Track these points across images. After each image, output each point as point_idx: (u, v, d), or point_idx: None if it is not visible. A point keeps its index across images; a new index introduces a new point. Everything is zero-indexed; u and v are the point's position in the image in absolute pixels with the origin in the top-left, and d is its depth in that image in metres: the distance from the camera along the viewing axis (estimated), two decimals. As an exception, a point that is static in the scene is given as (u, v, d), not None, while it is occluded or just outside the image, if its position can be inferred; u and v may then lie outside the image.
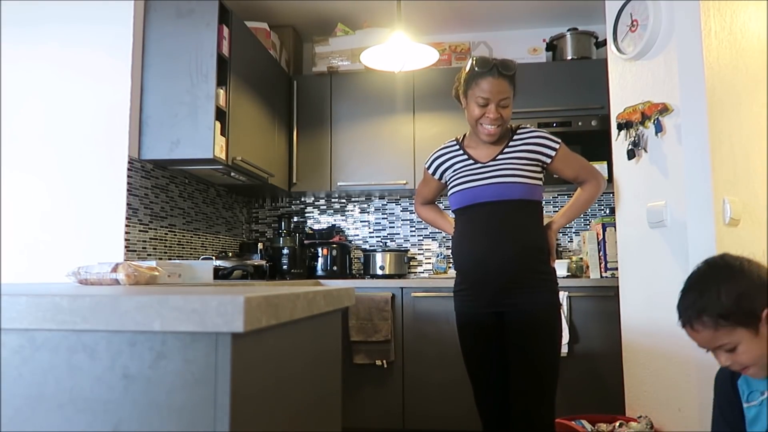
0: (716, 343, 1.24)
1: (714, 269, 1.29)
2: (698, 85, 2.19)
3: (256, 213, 3.95)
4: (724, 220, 2.16)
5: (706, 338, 1.25)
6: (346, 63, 3.53)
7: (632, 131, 2.46)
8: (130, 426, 0.71)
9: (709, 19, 2.25)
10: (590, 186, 2.05)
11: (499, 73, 1.89)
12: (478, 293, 1.95)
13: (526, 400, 1.87)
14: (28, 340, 0.74)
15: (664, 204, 2.32)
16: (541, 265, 1.94)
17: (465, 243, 1.98)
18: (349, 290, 1.18)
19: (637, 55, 2.45)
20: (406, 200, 3.82)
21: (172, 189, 2.89)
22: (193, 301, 0.69)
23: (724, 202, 2.17)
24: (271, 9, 3.50)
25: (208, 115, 2.59)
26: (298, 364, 0.95)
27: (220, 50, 2.65)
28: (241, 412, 0.72)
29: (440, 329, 2.98)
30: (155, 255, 2.72)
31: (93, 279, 1.50)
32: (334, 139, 3.53)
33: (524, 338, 1.88)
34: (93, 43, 2.58)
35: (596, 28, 3.55)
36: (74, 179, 2.53)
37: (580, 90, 3.31)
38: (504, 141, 1.99)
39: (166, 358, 0.71)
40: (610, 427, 2.44)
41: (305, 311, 0.91)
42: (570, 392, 2.81)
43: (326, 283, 3.21)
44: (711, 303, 1.23)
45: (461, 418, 2.89)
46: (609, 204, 3.50)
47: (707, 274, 1.30)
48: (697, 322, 1.24)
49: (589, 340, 2.86)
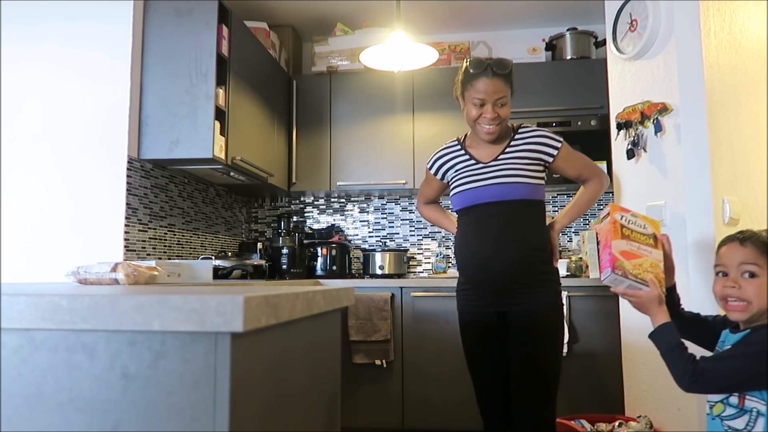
0: (746, 266, 1.37)
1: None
2: (697, 84, 2.19)
3: (256, 213, 3.95)
4: (724, 220, 2.17)
5: (746, 256, 1.37)
6: (345, 63, 3.53)
7: (632, 131, 2.46)
8: (129, 426, 0.71)
9: (709, 18, 2.25)
10: (593, 184, 2.05)
11: (493, 72, 1.88)
12: (480, 293, 1.95)
13: (527, 400, 1.87)
14: (27, 340, 0.74)
15: (663, 203, 2.32)
16: (544, 265, 1.94)
17: (468, 243, 1.98)
18: (349, 290, 1.18)
19: (636, 54, 2.45)
20: (405, 200, 3.82)
21: (171, 189, 2.89)
22: (192, 301, 0.69)
23: (724, 202, 2.17)
24: (270, 9, 3.50)
25: (207, 115, 2.59)
26: (297, 364, 0.95)
27: (219, 50, 2.65)
28: (241, 412, 0.72)
29: (440, 329, 2.98)
30: (155, 255, 2.71)
31: (92, 279, 1.50)
32: (333, 139, 3.53)
33: (526, 338, 1.88)
34: (92, 43, 2.58)
35: (596, 27, 3.55)
36: (74, 179, 2.53)
37: (580, 90, 3.31)
38: (505, 140, 1.99)
39: (166, 357, 0.71)
40: (609, 426, 2.44)
41: (305, 311, 0.91)
42: (570, 392, 2.81)
43: (326, 283, 3.21)
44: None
45: (461, 418, 2.89)
46: (608, 204, 3.50)
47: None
48: (750, 241, 1.38)
49: (589, 339, 2.86)
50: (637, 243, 1.49)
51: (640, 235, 1.51)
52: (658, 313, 1.44)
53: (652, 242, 1.52)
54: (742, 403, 1.34)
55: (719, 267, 1.43)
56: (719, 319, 1.53)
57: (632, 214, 1.54)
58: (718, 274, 1.44)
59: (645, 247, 1.50)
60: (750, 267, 1.36)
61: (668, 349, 1.39)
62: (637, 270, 1.46)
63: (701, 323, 1.57)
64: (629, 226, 1.51)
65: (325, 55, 3.56)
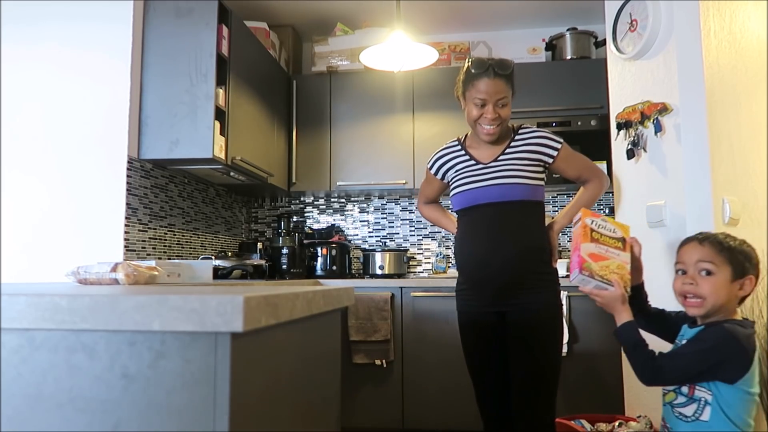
0: (703, 264, 1.46)
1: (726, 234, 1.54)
2: (697, 84, 2.19)
3: (256, 212, 3.95)
4: (724, 220, 2.17)
5: (703, 255, 1.47)
6: (345, 63, 3.53)
7: (632, 131, 2.46)
8: (129, 426, 0.71)
9: (709, 18, 2.25)
10: (593, 185, 2.05)
11: (495, 73, 1.88)
12: (479, 293, 1.95)
13: (526, 400, 1.87)
14: (27, 340, 0.74)
15: (663, 203, 2.32)
16: (543, 265, 1.94)
17: (467, 243, 1.98)
18: (349, 290, 1.18)
19: (636, 54, 2.45)
20: (405, 200, 3.82)
21: (171, 189, 2.89)
22: (192, 301, 0.69)
23: (724, 202, 2.17)
24: (270, 9, 3.50)
25: (207, 115, 2.59)
26: (297, 364, 0.95)
27: (219, 50, 2.65)
28: (240, 412, 0.72)
29: (440, 329, 2.98)
30: (154, 255, 2.71)
31: (92, 279, 1.50)
32: (333, 139, 3.53)
33: (525, 338, 1.88)
34: (92, 43, 2.58)
35: (596, 27, 3.55)
36: (73, 179, 2.53)
37: (580, 90, 3.31)
38: (505, 141, 1.99)
39: (166, 357, 0.71)
40: (609, 426, 2.44)
41: (304, 311, 0.91)
42: (570, 392, 2.81)
43: (326, 283, 3.21)
44: (725, 238, 1.50)
45: (461, 418, 2.89)
46: (608, 204, 3.50)
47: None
48: (708, 241, 1.48)
49: (589, 340, 2.86)
50: (605, 246, 1.59)
51: (609, 239, 1.60)
52: (622, 312, 1.53)
53: (620, 245, 1.61)
54: (692, 392, 1.45)
55: (679, 265, 1.53)
56: (681, 315, 1.61)
57: (602, 218, 1.63)
58: (678, 272, 1.53)
59: (613, 250, 1.59)
60: (706, 265, 1.46)
61: (631, 345, 1.48)
62: (604, 271, 1.55)
63: (665, 318, 1.66)
64: (598, 230, 1.60)
65: (325, 55, 3.57)
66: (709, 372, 1.40)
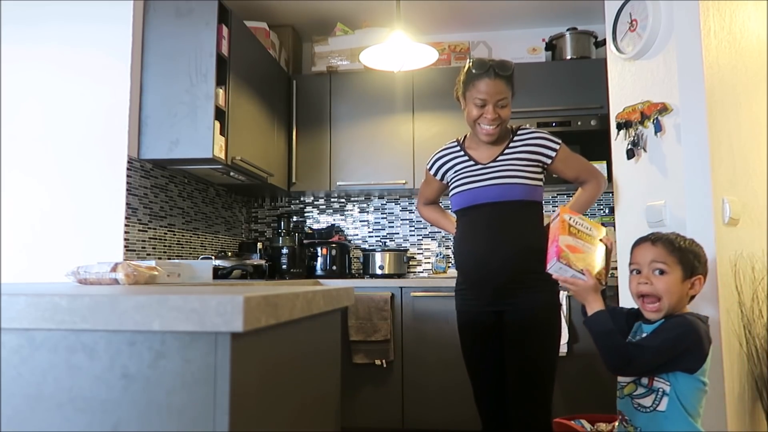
0: (657, 264, 1.50)
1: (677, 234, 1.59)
2: (697, 84, 2.19)
3: (256, 212, 3.95)
4: (724, 220, 2.16)
5: (656, 255, 1.51)
6: (345, 63, 3.53)
7: (631, 131, 2.46)
8: (129, 426, 0.71)
9: (709, 18, 2.25)
10: (591, 186, 2.06)
11: (495, 74, 1.89)
12: (478, 292, 1.95)
13: (523, 399, 1.87)
14: (27, 340, 0.74)
15: (663, 203, 2.32)
16: (541, 265, 1.94)
17: (466, 244, 1.98)
18: (349, 290, 1.18)
19: (636, 54, 2.45)
20: (405, 200, 3.82)
21: (171, 189, 2.89)
22: (192, 301, 0.69)
23: (724, 202, 2.17)
24: (270, 9, 3.50)
25: (207, 115, 2.59)
26: (297, 364, 0.95)
27: (219, 50, 2.65)
28: (241, 412, 0.72)
29: (440, 329, 2.98)
30: (154, 255, 2.71)
31: (92, 279, 1.50)
32: (333, 139, 3.53)
33: (523, 337, 1.89)
34: (92, 43, 2.58)
35: (595, 27, 3.55)
36: (73, 179, 2.53)
37: (580, 89, 3.31)
38: (504, 142, 2.00)
39: (166, 357, 0.71)
40: (609, 426, 2.44)
41: (304, 311, 0.91)
42: (569, 392, 2.81)
43: (326, 283, 3.21)
44: (676, 238, 1.55)
45: (460, 418, 2.89)
46: (608, 204, 3.50)
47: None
48: (660, 242, 1.53)
49: (589, 340, 2.84)
50: (582, 241, 1.64)
51: (585, 236, 1.67)
52: (595, 301, 1.56)
53: (595, 243, 1.67)
54: (651, 383, 1.49)
55: (633, 265, 1.57)
56: (633, 311, 1.66)
57: (580, 217, 1.69)
58: (633, 272, 1.57)
59: (589, 245, 1.65)
60: (660, 265, 1.51)
61: (603, 333, 1.51)
62: (581, 262, 1.60)
63: (618, 314, 1.70)
64: (576, 226, 1.66)
65: (325, 55, 3.57)
66: (675, 361, 1.45)
